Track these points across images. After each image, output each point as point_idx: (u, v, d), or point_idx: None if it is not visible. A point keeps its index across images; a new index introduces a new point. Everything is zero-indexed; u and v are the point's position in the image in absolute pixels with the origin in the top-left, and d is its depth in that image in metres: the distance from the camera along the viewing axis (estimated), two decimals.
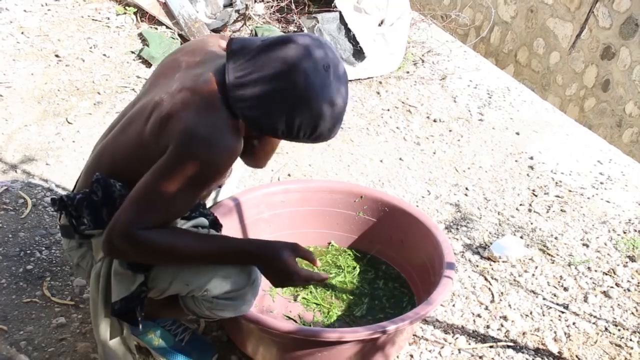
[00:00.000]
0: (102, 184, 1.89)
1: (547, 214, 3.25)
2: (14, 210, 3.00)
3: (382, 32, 4.56)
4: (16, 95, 3.96)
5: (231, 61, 1.78)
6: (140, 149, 1.85)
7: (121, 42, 4.71)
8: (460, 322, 2.58)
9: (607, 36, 5.61)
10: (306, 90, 1.74)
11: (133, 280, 1.90)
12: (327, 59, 1.77)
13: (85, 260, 2.03)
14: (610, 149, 3.90)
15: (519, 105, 4.32)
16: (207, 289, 1.91)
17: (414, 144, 3.80)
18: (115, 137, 1.96)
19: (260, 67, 1.74)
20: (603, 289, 2.79)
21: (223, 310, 1.96)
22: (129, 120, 1.94)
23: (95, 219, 1.91)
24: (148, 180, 1.77)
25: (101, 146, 2.02)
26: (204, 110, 1.76)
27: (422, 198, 3.31)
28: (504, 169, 3.61)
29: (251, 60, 1.76)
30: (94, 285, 1.97)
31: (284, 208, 2.66)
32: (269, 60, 1.74)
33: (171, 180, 1.75)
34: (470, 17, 6.86)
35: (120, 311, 1.91)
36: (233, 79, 1.76)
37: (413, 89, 4.43)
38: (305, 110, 1.76)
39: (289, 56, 1.74)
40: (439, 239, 2.44)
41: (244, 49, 1.79)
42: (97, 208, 1.90)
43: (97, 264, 1.95)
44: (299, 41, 1.76)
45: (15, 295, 2.56)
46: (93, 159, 2.02)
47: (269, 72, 1.73)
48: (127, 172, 1.89)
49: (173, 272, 1.91)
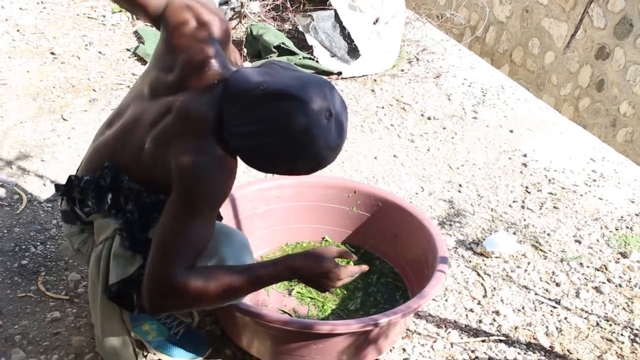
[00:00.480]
0: (113, 172, 1.92)
1: (540, 210, 3.27)
2: (9, 206, 3.01)
3: (377, 30, 4.58)
4: (12, 92, 3.96)
5: (230, 104, 1.77)
6: (140, 153, 1.87)
7: (117, 40, 4.73)
8: (452, 316, 2.59)
9: (601, 36, 5.63)
10: (309, 145, 1.75)
11: (132, 262, 1.91)
12: (330, 107, 1.78)
13: (86, 246, 2.05)
14: (603, 147, 3.93)
15: (513, 103, 4.34)
16: None
17: (408, 141, 3.82)
18: (117, 134, 1.97)
19: (260, 120, 1.74)
20: (595, 285, 2.81)
21: None
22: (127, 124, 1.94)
23: (99, 202, 1.93)
24: (166, 228, 1.76)
25: (107, 139, 2.02)
26: (201, 140, 1.77)
27: (416, 194, 3.33)
28: (498, 166, 3.63)
29: (251, 111, 1.75)
30: (94, 267, 1.98)
31: (279, 203, 2.68)
32: (268, 114, 1.73)
33: (187, 219, 1.76)
34: (465, 17, 6.88)
35: (117, 293, 1.93)
36: (232, 130, 1.76)
37: (407, 86, 4.44)
38: (307, 158, 1.78)
39: (289, 111, 1.73)
40: (432, 232, 2.45)
41: (243, 95, 1.76)
42: (103, 192, 1.92)
43: (98, 246, 1.97)
44: (298, 94, 1.73)
45: (10, 290, 2.56)
46: (98, 151, 2.02)
47: (270, 127, 1.73)
48: (129, 169, 1.92)
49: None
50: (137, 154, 1.88)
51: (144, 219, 1.90)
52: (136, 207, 1.90)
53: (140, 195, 1.90)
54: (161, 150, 1.82)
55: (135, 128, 1.91)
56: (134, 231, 1.90)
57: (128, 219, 1.91)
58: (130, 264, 1.91)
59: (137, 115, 1.93)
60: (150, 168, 1.86)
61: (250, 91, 1.76)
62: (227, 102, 1.78)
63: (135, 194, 1.90)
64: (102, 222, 1.95)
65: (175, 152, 1.78)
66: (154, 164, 1.85)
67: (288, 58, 4.40)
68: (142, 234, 1.91)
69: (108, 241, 1.94)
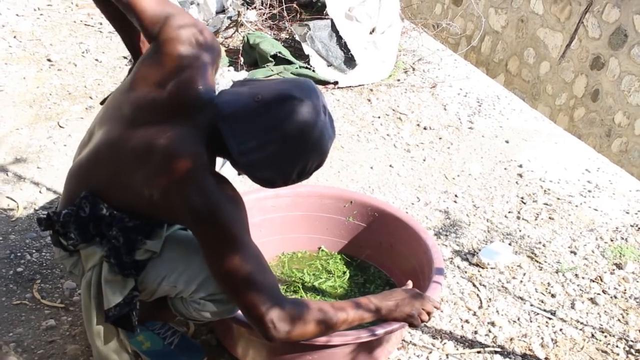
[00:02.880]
0: (91, 202, 1.89)
1: (536, 221, 3.27)
2: (5, 213, 3.01)
3: (373, 40, 4.59)
4: (8, 99, 3.96)
5: (227, 125, 1.76)
6: (123, 182, 1.85)
7: (113, 47, 4.73)
8: (448, 327, 2.60)
9: (596, 46, 5.66)
10: (316, 139, 1.78)
11: (124, 285, 1.91)
12: (321, 102, 1.80)
13: (77, 268, 2.03)
14: (598, 158, 3.94)
15: (509, 113, 4.36)
16: (195, 290, 1.92)
17: (404, 151, 3.82)
18: (91, 158, 1.93)
19: (265, 130, 1.75)
20: (590, 296, 2.82)
21: (211, 311, 1.97)
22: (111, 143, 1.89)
23: (83, 233, 1.92)
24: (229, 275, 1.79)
25: (80, 164, 1.98)
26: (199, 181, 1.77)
27: (412, 204, 3.33)
28: (493, 176, 3.64)
29: (253, 125, 1.75)
30: (86, 293, 1.97)
31: (275, 213, 2.68)
32: (272, 121, 1.75)
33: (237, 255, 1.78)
34: (461, 27, 6.91)
35: (115, 317, 1.93)
36: (237, 148, 1.76)
37: (404, 96, 4.45)
38: (316, 154, 1.81)
39: (292, 110, 1.75)
40: (429, 244, 2.45)
41: (240, 112, 1.76)
42: (84, 224, 1.91)
43: (87, 273, 1.96)
44: (294, 94, 1.76)
45: (5, 297, 2.56)
46: (76, 174, 1.99)
47: (276, 135, 1.75)
48: (110, 195, 1.90)
49: (161, 274, 1.93)
50: (116, 182, 1.86)
51: (128, 243, 1.88)
52: (120, 232, 1.87)
53: (123, 220, 1.88)
54: (154, 193, 1.79)
55: (113, 155, 1.86)
56: (121, 256, 1.88)
57: (113, 244, 1.89)
58: (122, 287, 1.91)
59: (113, 140, 1.87)
60: (134, 198, 1.84)
61: (246, 106, 1.76)
62: (223, 124, 1.77)
63: (118, 219, 1.88)
64: (88, 251, 1.94)
65: (180, 202, 1.76)
66: (138, 198, 1.83)
67: (285, 67, 4.41)
68: (129, 257, 1.89)
69: (96, 268, 1.93)
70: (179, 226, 2.04)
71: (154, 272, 1.94)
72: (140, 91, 1.88)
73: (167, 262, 1.94)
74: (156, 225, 1.94)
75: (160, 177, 1.78)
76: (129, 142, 1.83)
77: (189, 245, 1.97)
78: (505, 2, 6.65)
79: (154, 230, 1.94)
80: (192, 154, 1.78)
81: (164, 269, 1.94)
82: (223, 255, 1.78)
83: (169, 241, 1.97)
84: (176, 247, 1.97)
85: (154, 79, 1.88)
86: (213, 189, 1.77)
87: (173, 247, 1.96)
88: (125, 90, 1.93)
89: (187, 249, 1.97)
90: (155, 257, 1.94)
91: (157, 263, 1.94)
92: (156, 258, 1.94)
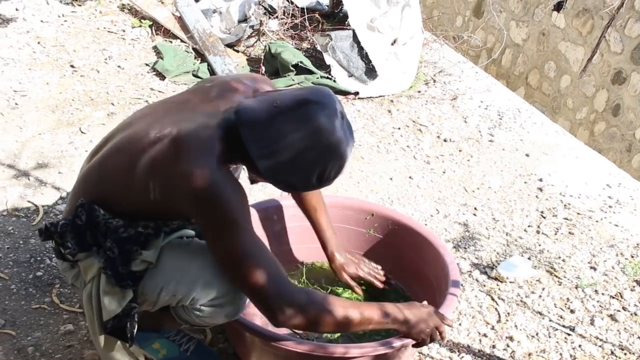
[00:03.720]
0: (87, 209, 1.91)
1: (555, 236, 3.25)
2: (26, 217, 3.03)
3: (394, 51, 4.59)
4: (31, 104, 4.00)
5: (247, 130, 1.79)
6: (128, 182, 1.86)
7: (136, 55, 4.76)
8: (466, 341, 2.58)
9: (618, 61, 5.63)
10: (335, 143, 1.80)
11: (122, 297, 1.92)
12: (339, 107, 1.83)
13: (79, 281, 2.05)
14: (619, 173, 3.91)
15: (529, 127, 4.34)
16: (194, 298, 1.93)
17: (424, 163, 3.82)
18: (103, 161, 1.96)
19: (283, 134, 1.77)
20: (610, 313, 2.79)
21: (212, 317, 1.98)
22: (117, 147, 1.94)
23: (80, 242, 1.93)
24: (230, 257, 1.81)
25: (87, 168, 2.02)
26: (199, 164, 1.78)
27: (431, 217, 3.32)
28: (513, 190, 3.62)
29: (272, 128, 1.78)
30: (88, 305, 1.99)
31: (296, 222, 2.67)
32: (290, 125, 1.77)
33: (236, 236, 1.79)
34: (482, 39, 6.89)
35: (112, 329, 1.94)
36: (257, 153, 1.78)
37: (424, 108, 4.45)
38: (335, 159, 1.82)
39: (310, 114, 1.78)
40: (447, 260, 2.43)
41: (259, 118, 1.79)
42: (81, 232, 1.92)
43: (88, 284, 1.98)
44: (311, 98, 1.80)
45: (24, 301, 2.58)
46: (79, 182, 2.03)
47: (295, 138, 1.77)
48: (113, 199, 1.92)
49: (159, 285, 1.94)
50: (121, 181, 1.88)
51: (124, 254, 1.89)
52: (114, 243, 1.89)
53: (117, 231, 1.89)
54: (159, 180, 1.81)
55: (128, 147, 1.90)
56: (117, 267, 1.89)
57: (109, 256, 1.90)
58: (121, 298, 1.92)
59: (131, 134, 1.92)
60: (138, 195, 1.85)
61: (265, 112, 1.79)
62: (243, 129, 1.79)
63: (112, 230, 1.89)
64: (87, 262, 1.96)
65: (183, 183, 1.77)
66: (142, 194, 1.84)
67: (306, 77, 4.43)
68: (125, 268, 1.90)
69: (95, 279, 1.95)
70: (176, 235, 2.05)
71: (151, 283, 1.94)
72: (179, 97, 2.00)
73: (164, 272, 1.94)
74: (152, 235, 1.94)
75: (169, 158, 1.79)
76: (148, 131, 1.87)
77: (185, 254, 1.98)
78: (527, 15, 6.63)
79: (149, 240, 1.94)
80: (204, 139, 1.80)
81: (162, 279, 1.94)
82: (226, 238, 1.79)
83: (165, 251, 1.97)
84: (172, 257, 1.97)
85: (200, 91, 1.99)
86: (218, 175, 1.78)
87: (169, 257, 1.96)
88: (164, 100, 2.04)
89: (183, 258, 1.97)
90: (152, 268, 1.94)
91: (154, 273, 1.94)
92: (153, 268, 1.94)
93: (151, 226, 1.93)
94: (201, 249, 1.99)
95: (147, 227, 1.92)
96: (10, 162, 3.42)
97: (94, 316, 1.97)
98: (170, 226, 2.01)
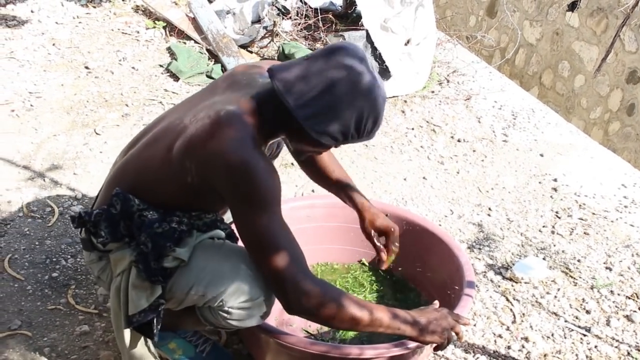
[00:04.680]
0: (122, 198, 1.93)
1: (570, 236, 3.24)
2: (41, 218, 3.05)
3: (408, 51, 4.58)
4: (46, 106, 4.02)
5: (281, 84, 1.81)
6: (164, 168, 1.89)
7: (150, 56, 4.78)
8: (481, 341, 2.57)
9: (632, 60, 5.60)
10: (368, 88, 1.81)
11: (151, 292, 1.93)
12: (364, 54, 1.87)
13: (105, 274, 2.06)
14: (634, 173, 3.89)
15: (544, 127, 4.32)
16: (223, 300, 1.93)
17: (438, 163, 3.81)
18: (140, 152, 2.01)
19: (317, 81, 1.80)
20: (626, 313, 2.78)
21: (240, 320, 1.97)
22: (154, 137, 1.98)
23: (113, 231, 1.95)
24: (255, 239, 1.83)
25: (123, 161, 2.06)
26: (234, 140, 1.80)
27: (445, 217, 3.32)
28: (528, 190, 3.61)
29: (304, 77, 1.81)
30: (115, 298, 2.00)
31: (309, 223, 2.68)
32: (322, 70, 1.80)
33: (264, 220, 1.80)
34: (495, 39, 6.87)
35: (138, 323, 1.94)
36: (294, 103, 1.80)
37: (438, 108, 4.44)
38: (370, 106, 1.83)
39: (340, 62, 1.81)
40: (462, 260, 2.43)
41: (292, 69, 1.84)
42: (115, 222, 1.94)
43: (117, 277, 1.99)
44: (338, 45, 1.85)
45: (40, 302, 2.59)
46: (114, 174, 2.06)
47: (329, 82, 1.79)
48: (149, 188, 1.95)
49: (189, 283, 1.94)
50: (161, 166, 1.91)
51: (157, 249, 1.90)
52: (148, 237, 1.90)
53: (152, 225, 1.91)
54: (191, 157, 1.84)
55: (163, 138, 1.94)
56: (149, 262, 1.91)
57: (142, 250, 1.92)
58: (149, 294, 1.92)
59: (172, 120, 1.98)
60: (173, 182, 1.89)
61: (296, 65, 1.85)
62: (277, 84, 1.81)
63: (147, 224, 1.91)
64: (118, 254, 1.97)
65: (218, 157, 1.79)
66: (177, 179, 1.88)
67: None
68: (157, 264, 1.91)
69: (125, 273, 1.96)
70: (208, 235, 2.05)
71: (182, 281, 1.95)
72: (208, 87, 2.09)
73: (196, 271, 1.95)
74: (185, 232, 1.96)
75: (204, 137, 1.81)
76: (182, 119, 1.92)
77: (218, 255, 1.99)
78: (541, 15, 6.60)
79: (182, 238, 1.95)
80: (239, 116, 1.83)
81: (192, 278, 1.94)
82: (255, 215, 1.80)
83: (198, 250, 1.98)
84: (205, 257, 1.97)
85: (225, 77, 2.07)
86: (253, 152, 1.80)
87: (202, 257, 1.97)
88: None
89: (215, 259, 1.97)
90: (183, 266, 1.94)
91: (185, 271, 1.95)
92: (184, 267, 1.95)
93: (185, 222, 1.95)
94: (233, 251, 2.00)
95: (181, 222, 1.94)
96: (26, 163, 3.44)
97: (121, 311, 1.98)
98: (204, 220, 2.02)
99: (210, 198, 1.93)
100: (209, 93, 2.02)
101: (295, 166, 3.55)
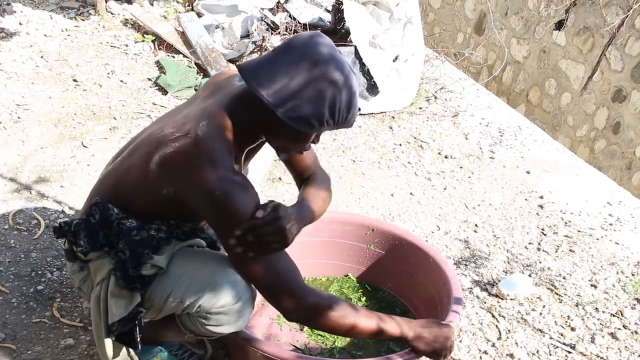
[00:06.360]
0: (101, 208, 1.95)
1: (556, 253, 3.26)
2: (27, 231, 3.03)
3: (396, 67, 4.61)
4: (33, 118, 4.01)
5: (249, 76, 1.82)
6: (142, 178, 1.91)
7: (138, 69, 4.78)
8: (466, 358, 2.58)
9: (618, 79, 5.65)
10: (338, 70, 1.81)
11: (130, 300, 1.93)
12: (330, 41, 1.88)
13: (86, 284, 2.07)
14: (620, 191, 3.91)
15: (530, 144, 4.35)
16: (201, 305, 1.93)
17: (425, 179, 3.82)
18: (121, 163, 2.03)
19: (284, 67, 1.80)
20: (610, 331, 2.79)
21: (219, 326, 1.98)
22: (135, 148, 2.01)
23: (92, 241, 1.96)
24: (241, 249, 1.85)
25: (106, 171, 2.10)
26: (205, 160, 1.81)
27: (432, 233, 3.33)
28: (514, 207, 3.63)
29: (273, 65, 1.82)
30: (95, 308, 2.00)
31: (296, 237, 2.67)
32: (290, 56, 1.81)
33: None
34: (483, 56, 6.92)
35: (118, 332, 1.94)
36: (266, 92, 1.80)
37: (425, 124, 4.46)
38: (342, 88, 1.82)
39: (308, 44, 1.83)
40: (448, 274, 2.45)
41: (260, 62, 1.85)
42: (94, 231, 1.95)
43: (97, 287, 1.99)
44: (305, 34, 1.87)
45: (25, 315, 2.57)
46: (96, 184, 2.10)
47: (294, 65, 1.80)
48: (128, 198, 1.96)
49: (167, 290, 1.95)
50: (139, 177, 1.92)
51: (135, 257, 1.91)
52: (127, 245, 1.91)
53: (130, 233, 1.91)
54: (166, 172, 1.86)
55: (141, 148, 1.96)
56: (127, 270, 1.91)
57: (120, 258, 1.92)
58: (128, 302, 1.93)
59: (151, 131, 2.01)
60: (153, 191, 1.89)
61: (264, 57, 1.86)
62: (247, 76, 1.82)
63: (125, 232, 1.92)
64: (97, 263, 1.98)
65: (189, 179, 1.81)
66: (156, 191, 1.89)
67: None
68: (136, 271, 1.92)
69: (105, 282, 1.97)
70: (188, 243, 2.06)
71: (160, 288, 1.96)
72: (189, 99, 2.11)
73: (173, 279, 1.96)
74: (164, 240, 1.97)
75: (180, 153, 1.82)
76: (162, 130, 1.93)
77: (196, 262, 2.00)
78: (528, 33, 6.66)
79: (161, 245, 1.96)
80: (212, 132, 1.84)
81: (170, 285, 1.95)
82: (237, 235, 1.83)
83: (176, 257, 1.99)
84: (182, 264, 1.98)
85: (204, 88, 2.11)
86: (227, 173, 1.81)
87: (179, 264, 1.98)
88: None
89: (193, 265, 1.98)
90: (161, 273, 1.95)
91: (163, 279, 1.96)
92: (163, 274, 1.96)
93: (164, 229, 1.96)
94: (211, 258, 2.01)
95: (160, 230, 1.95)
96: (13, 175, 3.43)
97: (101, 320, 1.98)
98: (182, 229, 2.03)
99: (187, 212, 1.94)
100: (189, 103, 2.05)
101: (283, 180, 3.56)
